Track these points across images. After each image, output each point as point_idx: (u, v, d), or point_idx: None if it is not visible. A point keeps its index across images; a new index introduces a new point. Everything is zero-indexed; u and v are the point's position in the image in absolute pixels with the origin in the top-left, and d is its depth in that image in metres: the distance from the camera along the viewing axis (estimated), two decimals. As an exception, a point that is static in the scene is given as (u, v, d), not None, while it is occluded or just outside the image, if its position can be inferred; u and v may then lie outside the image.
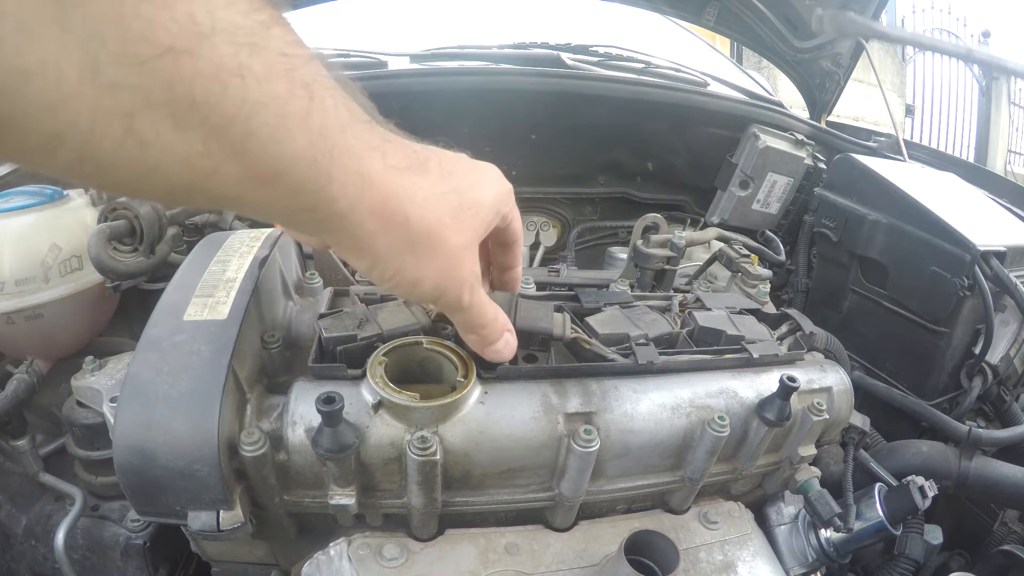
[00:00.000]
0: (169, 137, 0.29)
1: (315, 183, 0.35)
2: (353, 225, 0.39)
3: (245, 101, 0.30)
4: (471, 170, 0.48)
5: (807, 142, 1.66)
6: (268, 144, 0.32)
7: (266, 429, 0.60)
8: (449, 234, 0.44)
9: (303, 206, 0.36)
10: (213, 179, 0.32)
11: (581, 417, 0.66)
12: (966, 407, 1.13)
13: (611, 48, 1.86)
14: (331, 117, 0.35)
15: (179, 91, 0.28)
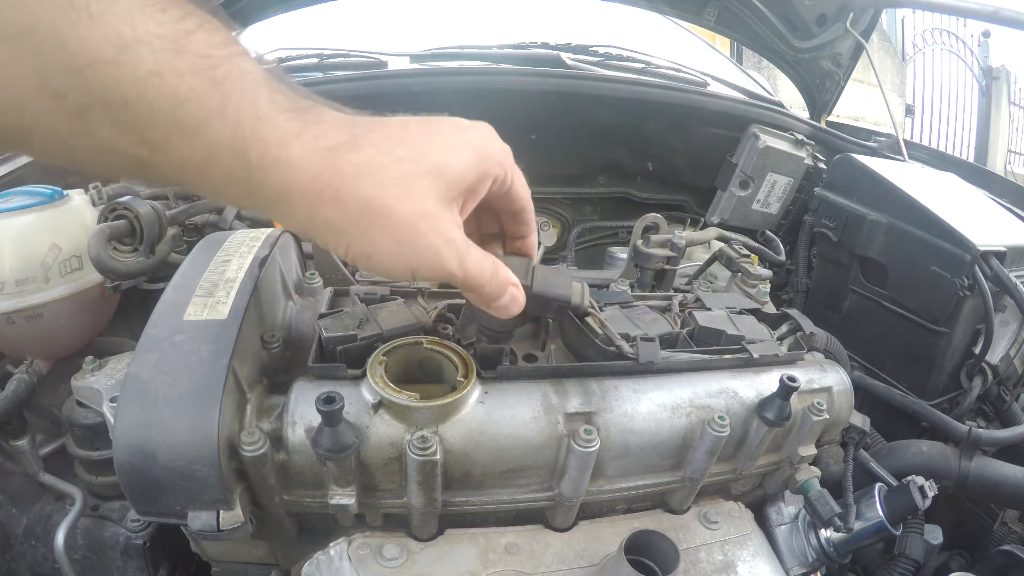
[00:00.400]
0: (111, 131, 0.36)
1: (243, 170, 0.39)
2: (290, 208, 0.41)
3: (166, 97, 0.35)
4: (432, 134, 0.46)
5: (807, 142, 1.66)
6: (192, 135, 0.37)
7: (266, 429, 0.60)
8: (394, 203, 0.42)
9: (240, 192, 0.40)
10: (157, 163, 0.38)
11: (581, 417, 0.66)
12: (966, 407, 1.13)
13: (611, 48, 1.85)
14: (248, 109, 0.38)
15: (111, 92, 0.34)
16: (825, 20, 1.72)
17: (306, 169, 0.40)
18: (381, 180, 0.42)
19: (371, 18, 1.97)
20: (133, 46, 0.34)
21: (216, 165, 0.38)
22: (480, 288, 0.50)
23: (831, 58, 1.78)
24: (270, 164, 0.39)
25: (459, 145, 0.46)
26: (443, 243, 0.45)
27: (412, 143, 0.44)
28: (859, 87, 4.24)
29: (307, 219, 0.42)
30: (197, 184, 0.40)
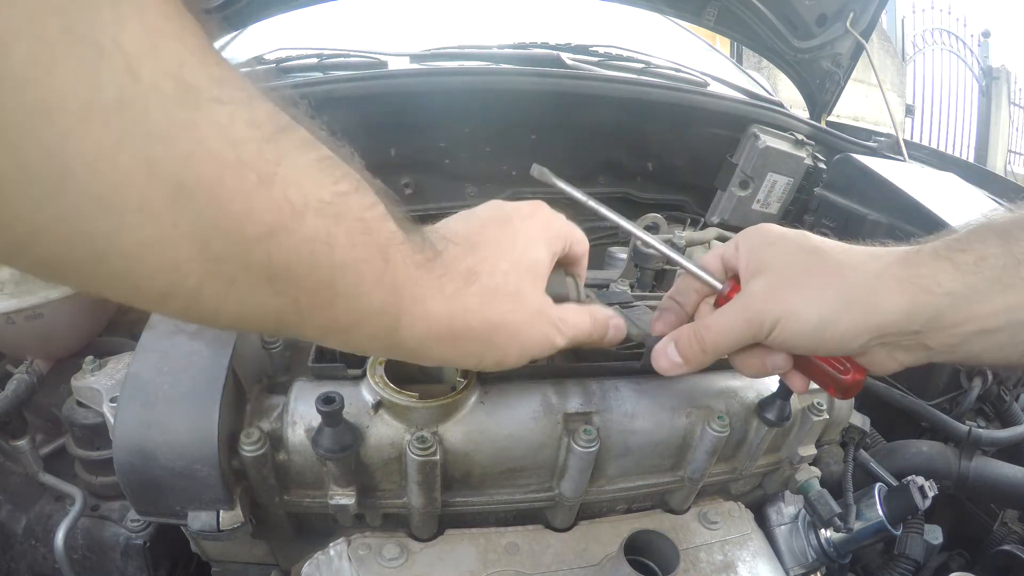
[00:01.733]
0: (264, 296, 0.34)
1: (387, 328, 0.41)
2: (425, 353, 0.45)
3: (332, 265, 0.35)
4: (514, 238, 0.50)
5: (807, 142, 1.66)
6: (350, 301, 0.37)
7: (266, 429, 0.60)
8: (515, 316, 0.47)
9: (378, 348, 0.46)
10: (300, 327, 0.38)
11: (581, 417, 0.66)
12: (966, 407, 1.13)
13: (611, 48, 1.85)
14: (401, 273, 0.39)
15: (276, 260, 0.33)
16: (825, 20, 1.72)
17: (442, 319, 0.43)
18: (500, 301, 0.46)
19: (371, 18, 1.97)
20: (302, 214, 0.32)
21: (362, 327, 0.40)
22: (587, 341, 0.55)
23: (831, 58, 1.78)
24: (417, 321, 0.42)
25: (535, 240, 0.51)
26: (551, 328, 0.51)
27: (505, 254, 0.48)
28: (859, 87, 4.24)
29: (442, 356, 0.47)
30: (334, 342, 0.42)
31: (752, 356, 0.55)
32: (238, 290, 0.33)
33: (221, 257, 0.31)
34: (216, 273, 0.32)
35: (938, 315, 0.46)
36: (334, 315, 0.37)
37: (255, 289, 0.33)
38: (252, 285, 0.33)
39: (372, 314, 0.39)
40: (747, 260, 0.54)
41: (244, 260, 0.32)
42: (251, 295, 0.34)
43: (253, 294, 0.34)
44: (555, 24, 2.16)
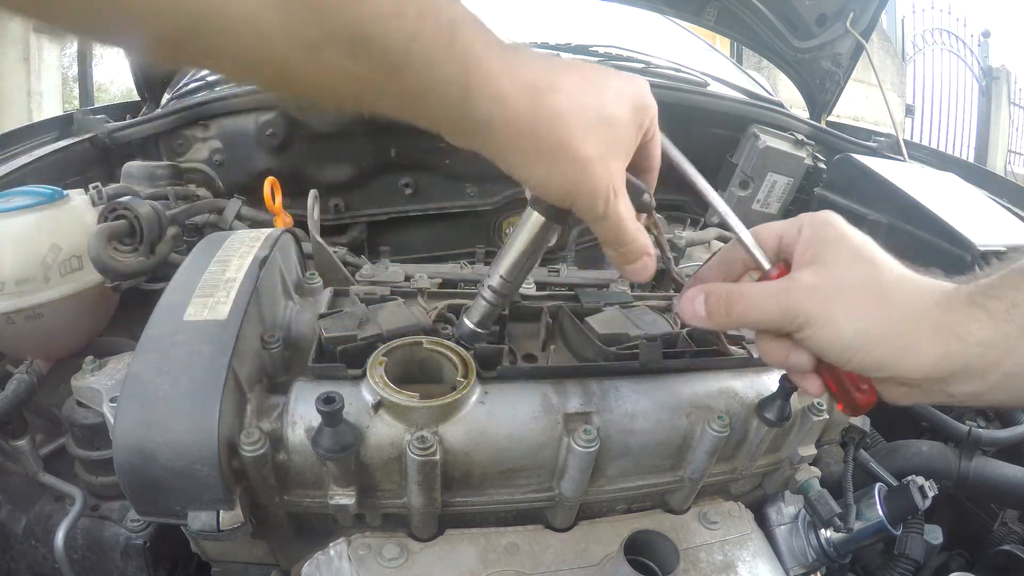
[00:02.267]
0: (345, 63, 0.39)
1: (459, 99, 0.43)
2: (491, 134, 0.46)
3: (403, 34, 0.39)
4: (607, 85, 0.50)
5: (807, 142, 1.66)
6: (421, 69, 0.41)
7: (266, 429, 0.60)
8: (579, 145, 0.47)
9: (450, 117, 0.45)
10: (378, 94, 0.42)
11: (581, 417, 0.66)
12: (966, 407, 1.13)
13: (611, 48, 1.85)
14: (470, 48, 0.42)
15: (353, 29, 0.38)
16: (825, 20, 1.72)
17: (510, 104, 0.45)
18: (571, 124, 0.47)
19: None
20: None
21: (435, 94, 0.43)
22: (620, 245, 0.55)
23: (831, 58, 1.78)
24: (481, 96, 0.43)
25: (623, 97, 0.50)
26: (606, 188, 0.49)
27: (593, 92, 0.48)
28: (859, 87, 4.24)
29: (502, 147, 0.47)
30: (411, 110, 0.44)
31: (778, 346, 0.54)
32: (322, 57, 0.38)
33: (304, 24, 0.36)
34: (302, 41, 0.37)
35: (967, 366, 0.46)
36: (407, 83, 0.41)
37: (336, 57, 0.38)
38: (333, 52, 0.38)
39: (443, 83, 0.42)
40: (804, 248, 0.53)
41: (324, 28, 0.37)
42: (332, 63, 0.38)
43: (334, 62, 0.38)
44: (555, 24, 2.16)
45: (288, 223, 1.22)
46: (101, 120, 1.43)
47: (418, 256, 1.65)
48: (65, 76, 5.63)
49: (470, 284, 0.90)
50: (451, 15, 0.42)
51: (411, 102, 0.44)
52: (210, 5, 0.34)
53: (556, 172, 0.48)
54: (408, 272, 0.90)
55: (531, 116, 0.46)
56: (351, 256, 1.31)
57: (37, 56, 5.11)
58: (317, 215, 0.92)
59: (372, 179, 1.59)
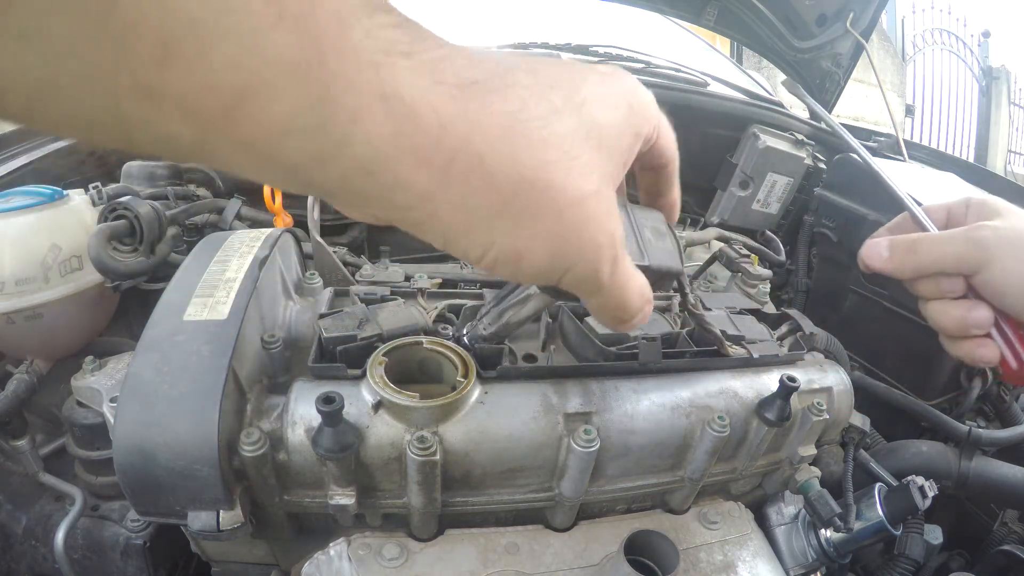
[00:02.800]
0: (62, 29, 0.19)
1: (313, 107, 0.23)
2: (390, 181, 0.26)
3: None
4: (580, 81, 0.32)
5: (807, 142, 1.66)
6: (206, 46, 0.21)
7: (266, 429, 0.60)
8: (560, 178, 0.29)
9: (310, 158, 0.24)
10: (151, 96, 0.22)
11: (581, 417, 0.66)
12: (966, 407, 1.13)
13: (611, 48, 1.85)
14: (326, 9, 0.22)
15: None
16: (825, 20, 1.72)
17: (424, 111, 0.25)
18: (538, 140, 0.28)
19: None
20: None
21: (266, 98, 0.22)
22: (620, 311, 0.37)
23: (831, 58, 1.78)
24: (359, 94, 0.23)
25: (610, 97, 0.33)
26: (609, 238, 0.32)
27: (565, 88, 0.30)
28: (859, 87, 4.24)
29: (423, 199, 0.27)
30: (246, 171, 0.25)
31: (955, 305, 0.52)
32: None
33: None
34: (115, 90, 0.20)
35: None
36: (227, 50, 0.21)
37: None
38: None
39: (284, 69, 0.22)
40: (976, 214, 0.53)
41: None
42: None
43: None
44: (555, 24, 2.16)
45: (288, 223, 1.22)
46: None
47: (418, 256, 1.65)
48: (65, 76, 5.63)
49: (470, 284, 0.90)
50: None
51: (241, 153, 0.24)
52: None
53: (533, 229, 0.29)
54: (408, 272, 0.90)
55: (466, 133, 0.26)
56: (351, 256, 1.31)
57: (37, 56, 5.11)
58: (317, 215, 0.92)
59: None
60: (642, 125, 0.36)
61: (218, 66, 0.21)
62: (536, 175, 0.28)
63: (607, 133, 0.32)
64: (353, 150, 0.24)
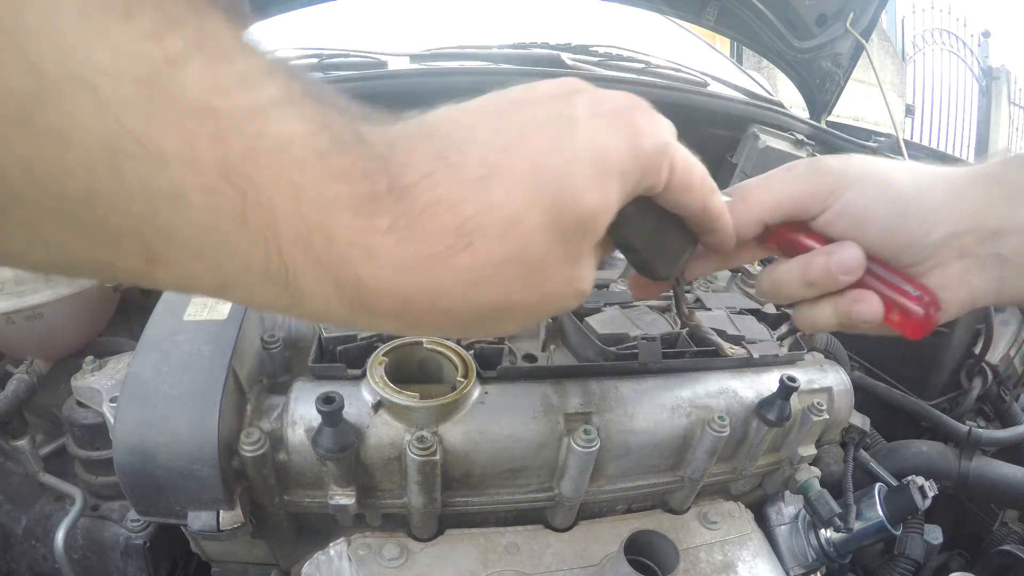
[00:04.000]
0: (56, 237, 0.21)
1: (285, 300, 0.25)
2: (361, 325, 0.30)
3: (137, 197, 0.20)
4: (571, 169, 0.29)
5: (807, 142, 1.65)
6: (190, 257, 0.23)
7: (266, 429, 0.60)
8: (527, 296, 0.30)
9: (283, 311, 0.28)
10: (158, 279, 0.24)
11: (581, 417, 0.66)
12: (966, 407, 1.13)
13: (611, 48, 1.85)
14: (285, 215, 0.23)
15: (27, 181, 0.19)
16: (825, 20, 1.72)
17: (386, 293, 0.27)
18: (510, 277, 0.29)
19: (371, 18, 1.97)
20: (61, 91, 0.18)
21: (242, 292, 0.25)
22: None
23: (831, 58, 1.78)
24: (328, 291, 0.26)
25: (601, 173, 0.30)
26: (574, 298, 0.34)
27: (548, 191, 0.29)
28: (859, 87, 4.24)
29: (391, 329, 0.31)
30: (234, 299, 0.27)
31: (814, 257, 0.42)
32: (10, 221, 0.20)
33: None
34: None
35: (1014, 212, 0.40)
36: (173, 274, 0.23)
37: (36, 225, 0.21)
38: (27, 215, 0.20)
39: (245, 277, 0.24)
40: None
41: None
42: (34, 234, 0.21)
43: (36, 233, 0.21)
44: (555, 24, 2.16)
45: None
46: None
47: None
48: (65, 76, 5.63)
49: None
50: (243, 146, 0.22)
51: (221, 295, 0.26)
52: None
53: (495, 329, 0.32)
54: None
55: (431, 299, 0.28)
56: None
57: (37, 56, 5.11)
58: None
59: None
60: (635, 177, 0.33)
61: (198, 271, 0.23)
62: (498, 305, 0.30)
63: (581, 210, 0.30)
64: (310, 309, 0.27)
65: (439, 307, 0.28)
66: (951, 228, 0.41)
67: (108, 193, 0.20)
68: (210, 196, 0.21)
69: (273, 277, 0.24)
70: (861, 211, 0.41)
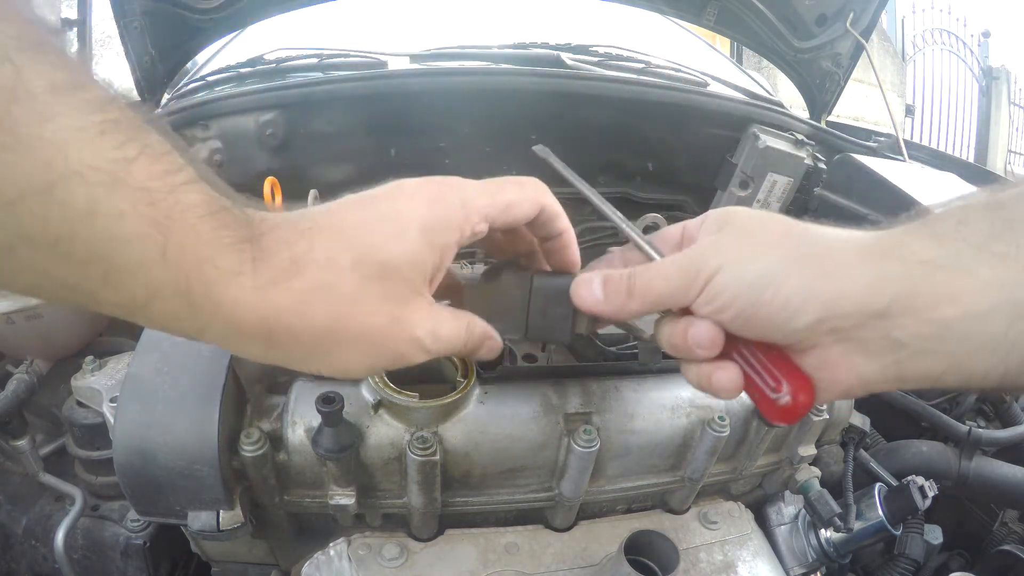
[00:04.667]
0: (46, 266, 0.33)
1: (187, 310, 0.36)
2: (242, 347, 0.39)
3: (101, 238, 0.32)
4: (369, 224, 0.41)
5: (807, 142, 1.65)
6: (131, 278, 0.34)
7: (266, 429, 0.60)
8: (353, 323, 0.40)
9: (188, 329, 0.37)
10: (94, 300, 0.35)
11: (581, 417, 0.66)
12: (966, 407, 1.13)
13: (611, 48, 1.85)
14: (189, 248, 0.34)
15: (39, 229, 0.31)
16: (825, 20, 1.72)
17: (249, 311, 0.37)
18: (331, 301, 0.39)
19: (371, 18, 1.97)
20: (65, 179, 0.30)
21: (160, 305, 0.35)
22: (458, 352, 0.46)
23: (831, 58, 1.78)
24: (213, 307, 0.36)
25: (400, 230, 0.41)
26: (409, 343, 0.42)
27: (353, 243, 0.40)
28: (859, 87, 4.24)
29: (264, 355, 0.40)
30: (141, 319, 0.37)
31: (676, 324, 0.44)
32: (19, 258, 0.32)
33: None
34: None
35: (911, 290, 0.36)
36: (121, 293, 0.35)
37: (33, 258, 0.32)
38: (29, 254, 0.32)
39: (164, 291, 0.35)
40: (708, 226, 0.46)
41: (11, 226, 0.31)
42: (30, 263, 0.32)
43: (32, 264, 0.32)
44: (555, 24, 2.16)
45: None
46: (101, 120, 1.43)
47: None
48: (65, 76, 5.62)
49: None
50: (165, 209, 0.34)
51: (136, 315, 0.36)
52: None
53: (344, 357, 0.41)
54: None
55: (275, 316, 0.37)
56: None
57: (37, 56, 5.11)
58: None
59: (372, 179, 1.58)
60: (447, 236, 0.42)
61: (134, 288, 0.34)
62: (333, 327, 0.39)
63: (399, 266, 0.40)
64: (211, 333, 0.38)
65: (283, 324, 0.38)
66: (816, 315, 0.38)
67: (86, 236, 0.32)
68: (145, 240, 0.33)
69: (181, 294, 0.35)
70: (717, 300, 0.41)
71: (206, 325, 0.37)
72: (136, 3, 1.36)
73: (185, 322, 0.37)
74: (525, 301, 0.51)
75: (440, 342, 0.43)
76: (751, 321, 0.40)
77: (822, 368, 0.40)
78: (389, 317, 0.41)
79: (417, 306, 0.42)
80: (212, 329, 0.37)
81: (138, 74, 1.66)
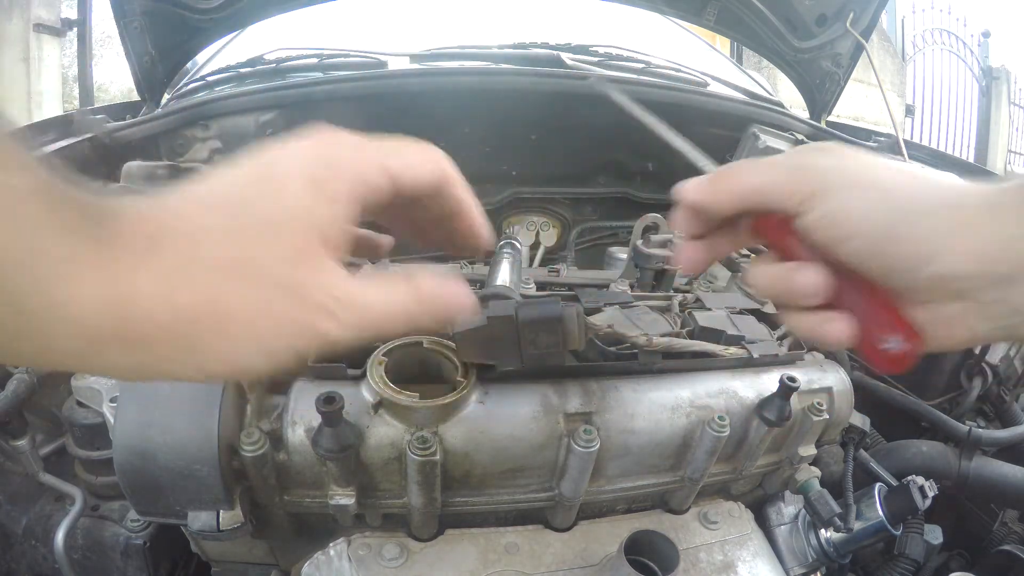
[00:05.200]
0: None
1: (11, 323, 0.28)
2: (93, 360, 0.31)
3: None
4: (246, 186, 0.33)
5: (807, 142, 1.65)
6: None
7: (266, 429, 0.60)
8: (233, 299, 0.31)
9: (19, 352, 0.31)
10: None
11: (581, 417, 0.66)
12: (966, 407, 1.13)
13: (611, 48, 1.85)
14: (6, 241, 0.27)
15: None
16: (825, 20, 1.72)
17: (95, 304, 0.29)
18: (202, 276, 0.30)
19: (371, 18, 1.97)
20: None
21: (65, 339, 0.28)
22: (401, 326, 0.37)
23: (831, 58, 1.78)
24: (46, 310, 0.28)
25: (280, 185, 0.33)
26: (317, 312, 0.33)
27: (224, 205, 0.32)
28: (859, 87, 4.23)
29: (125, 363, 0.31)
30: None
31: (778, 268, 0.39)
32: None
33: None
34: None
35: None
36: None
37: None
38: None
39: None
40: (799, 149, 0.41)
41: None
42: None
43: None
44: (555, 24, 2.16)
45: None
46: (101, 120, 1.43)
47: (418, 256, 1.65)
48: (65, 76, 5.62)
49: (470, 284, 0.90)
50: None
51: None
52: None
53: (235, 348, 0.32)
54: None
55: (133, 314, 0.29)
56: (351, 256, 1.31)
57: (37, 56, 5.11)
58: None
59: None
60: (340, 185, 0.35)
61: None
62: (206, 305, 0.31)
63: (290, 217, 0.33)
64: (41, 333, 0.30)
65: (142, 315, 0.29)
66: (947, 268, 0.34)
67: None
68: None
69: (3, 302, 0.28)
70: (843, 224, 0.36)
71: (44, 339, 0.29)
72: (136, 3, 1.36)
73: (15, 340, 0.29)
74: (515, 335, 0.52)
75: (357, 309, 0.34)
76: (877, 258, 0.35)
77: (932, 323, 0.37)
78: (276, 285, 0.32)
79: (313, 267, 0.33)
80: (53, 342, 0.29)
81: (138, 74, 1.66)
